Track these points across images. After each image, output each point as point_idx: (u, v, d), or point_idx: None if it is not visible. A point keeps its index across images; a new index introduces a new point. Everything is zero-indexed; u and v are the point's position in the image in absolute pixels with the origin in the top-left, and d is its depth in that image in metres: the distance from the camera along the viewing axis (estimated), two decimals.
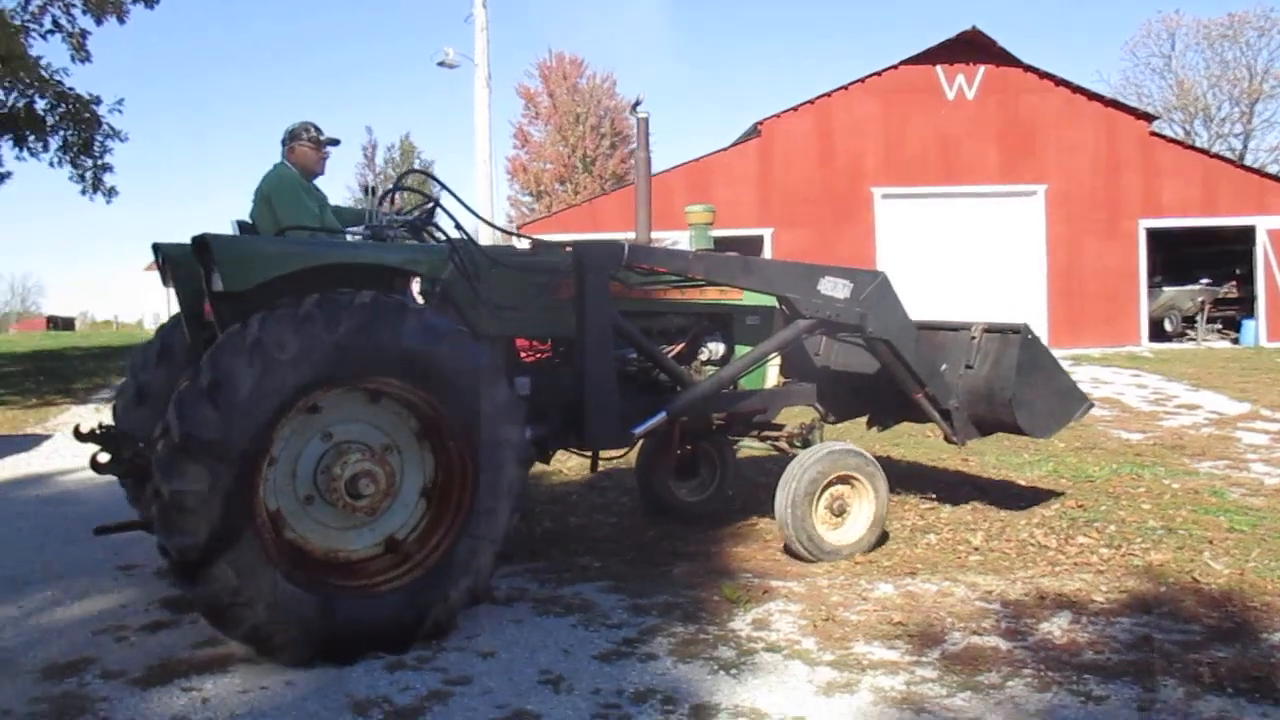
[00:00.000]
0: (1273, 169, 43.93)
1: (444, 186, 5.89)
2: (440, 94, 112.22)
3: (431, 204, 5.70)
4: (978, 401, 6.49)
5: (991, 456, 9.26)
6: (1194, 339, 26.74)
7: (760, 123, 24.49)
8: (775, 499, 5.98)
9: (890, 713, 3.89)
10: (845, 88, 24.73)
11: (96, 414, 14.37)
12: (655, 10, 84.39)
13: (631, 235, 5.93)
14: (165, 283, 5.61)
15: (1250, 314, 26.15)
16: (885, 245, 23.94)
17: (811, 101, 24.60)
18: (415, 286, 5.28)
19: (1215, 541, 6.21)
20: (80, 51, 20.06)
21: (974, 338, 6.56)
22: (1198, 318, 27.41)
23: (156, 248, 5.55)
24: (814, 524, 5.94)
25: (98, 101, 20.55)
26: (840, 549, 6.01)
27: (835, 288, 6.13)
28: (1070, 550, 6.10)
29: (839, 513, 6.07)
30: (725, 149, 25.00)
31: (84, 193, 21.60)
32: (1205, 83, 50.19)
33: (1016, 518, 6.88)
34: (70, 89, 20.08)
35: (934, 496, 7.57)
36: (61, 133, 20.71)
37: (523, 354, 5.99)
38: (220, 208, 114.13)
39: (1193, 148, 29.88)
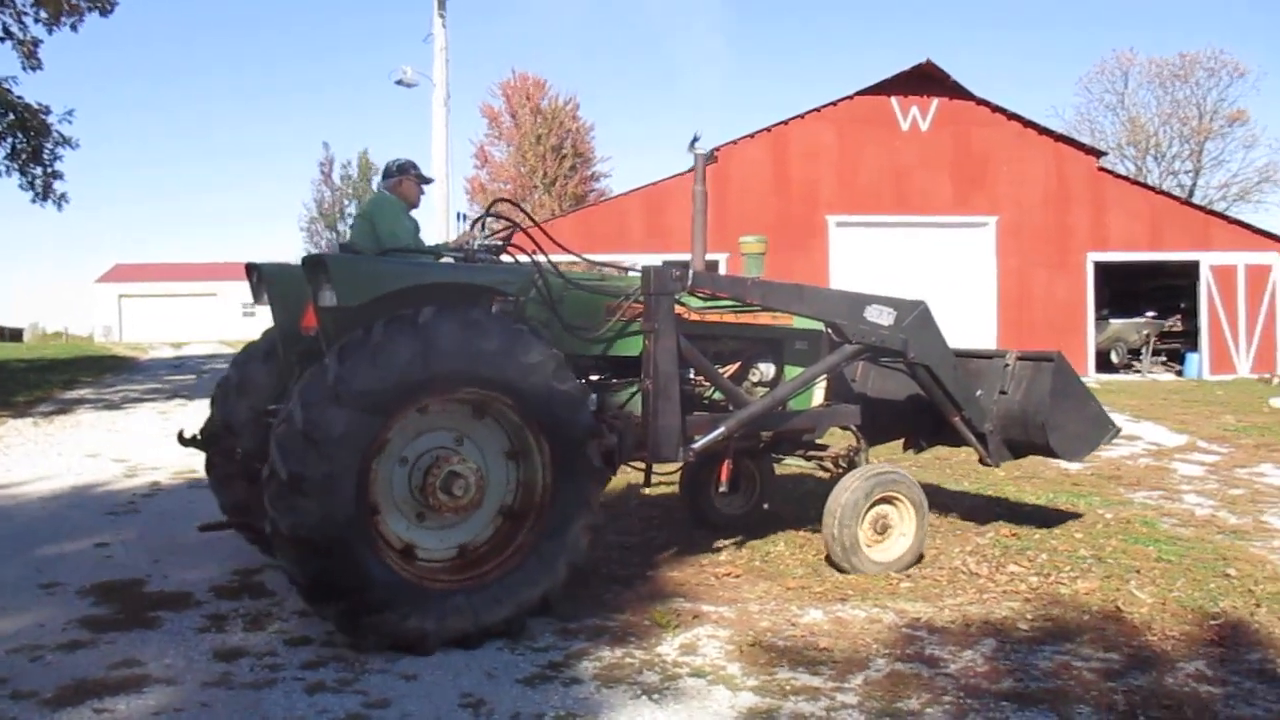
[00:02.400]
0: (1220, 206, 44.93)
1: (526, 214, 6.20)
2: (399, 111, 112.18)
3: (511, 229, 5.99)
4: (1012, 426, 6.80)
5: (933, 483, 9.34)
6: (1139, 371, 27.21)
7: (716, 149, 24.60)
8: (823, 514, 6.27)
9: None
10: (801, 116, 24.99)
11: (35, 428, 14.11)
12: (613, 33, 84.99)
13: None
14: (258, 300, 6.02)
15: (1194, 347, 26.67)
16: (839, 273, 24.14)
17: (768, 129, 24.83)
18: (494, 306, 5.56)
19: (1142, 571, 6.30)
20: (31, 59, 19.81)
21: (1008, 365, 6.89)
22: (1143, 350, 27.90)
23: (251, 267, 5.99)
24: (859, 541, 6.20)
25: (47, 111, 20.33)
26: (881, 565, 6.26)
27: (880, 315, 6.44)
28: (1000, 578, 6.17)
29: (881, 531, 6.35)
30: (682, 174, 25.08)
31: (34, 200, 21.35)
32: (1157, 120, 51.33)
33: (950, 545, 6.95)
34: (19, 98, 19.82)
35: None
36: (10, 140, 20.43)
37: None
38: (177, 218, 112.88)
39: (1140, 183, 30.50)
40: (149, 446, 12.22)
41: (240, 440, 6.00)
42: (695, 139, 6.64)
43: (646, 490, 7.84)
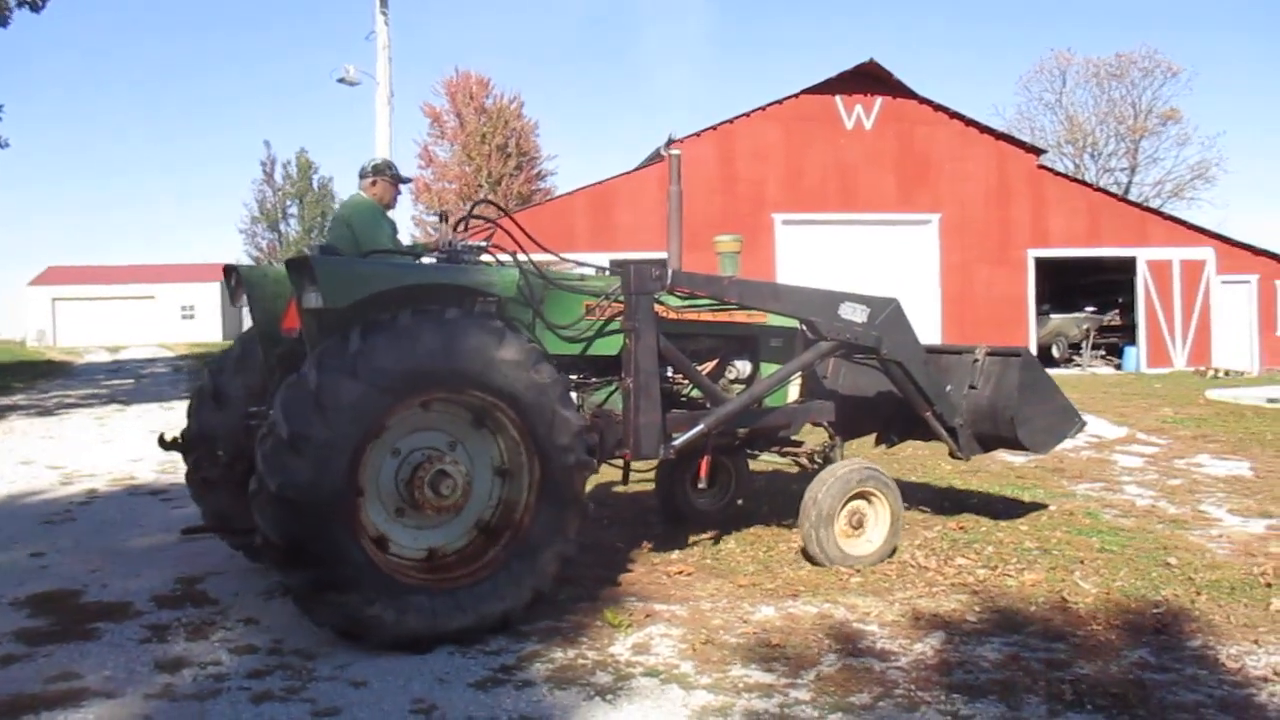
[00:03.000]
0: (1155, 203, 45.98)
1: (506, 213, 6.17)
2: (342, 111, 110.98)
3: (491, 229, 6.00)
4: (981, 420, 6.92)
5: None
6: (1080, 365, 27.73)
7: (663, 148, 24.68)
8: (800, 509, 6.37)
9: None
10: (748, 114, 25.14)
11: None
12: (556, 31, 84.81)
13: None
14: (234, 302, 6.11)
15: (1132, 341, 27.25)
16: (785, 270, 24.30)
17: (714, 127, 24.93)
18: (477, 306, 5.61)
19: (1086, 562, 6.41)
20: None
21: (977, 360, 7.01)
22: (1083, 344, 28.46)
23: (230, 269, 6.05)
24: (835, 535, 6.31)
25: None
26: (857, 558, 6.35)
27: (854, 312, 6.53)
28: (949, 571, 6.23)
29: (857, 525, 6.45)
30: (628, 173, 25.13)
31: None
32: (1094, 119, 52.38)
33: (899, 539, 6.99)
34: None
35: None
36: None
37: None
38: (112, 221, 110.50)
39: (1078, 181, 31.11)
40: (85, 453, 11.95)
41: (222, 443, 6.00)
42: (669, 140, 6.77)
43: (618, 489, 7.84)
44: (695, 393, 6.62)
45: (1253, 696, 4.26)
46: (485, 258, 5.96)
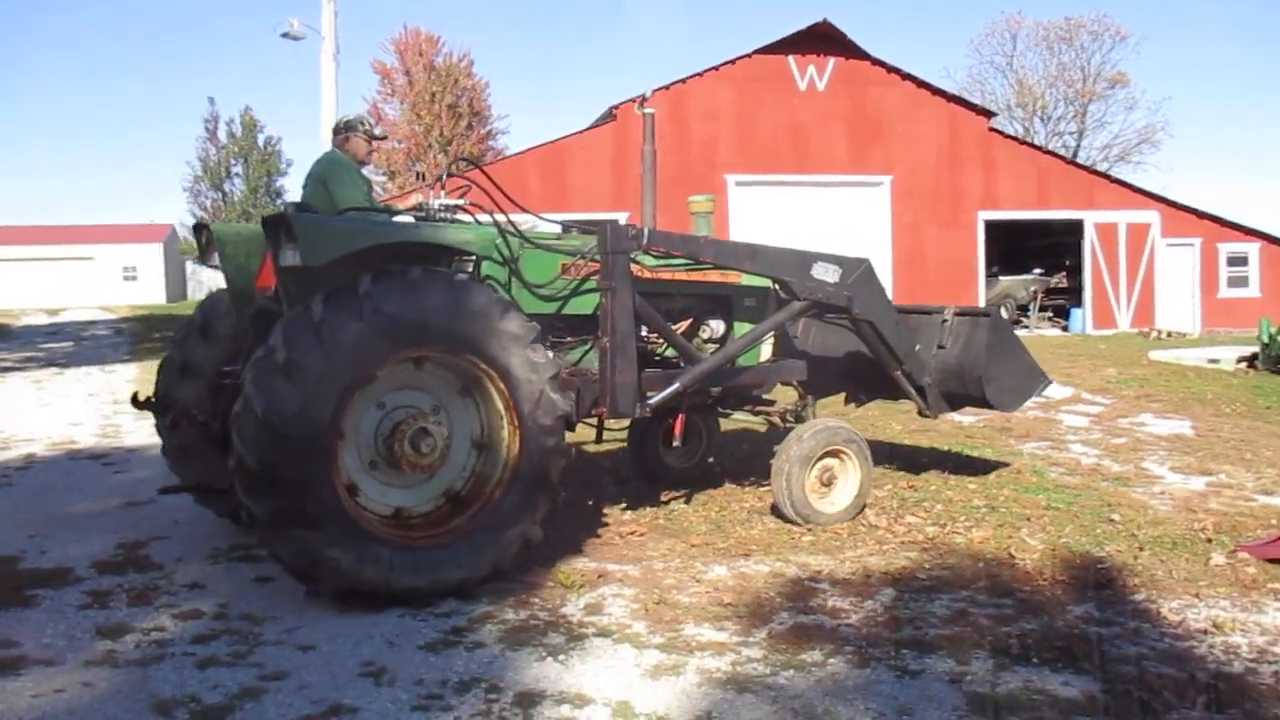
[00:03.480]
0: (1103, 166, 46.51)
1: (482, 170, 6.10)
2: (287, 68, 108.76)
3: (467, 187, 5.97)
4: (950, 379, 7.00)
5: None
6: (1027, 326, 28.10)
7: (615, 107, 24.47)
8: (771, 466, 6.42)
9: (714, 693, 3.91)
10: (700, 74, 24.98)
11: None
12: None
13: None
14: (207, 261, 6.04)
15: (1078, 303, 27.67)
16: (738, 232, 24.25)
17: (667, 87, 24.71)
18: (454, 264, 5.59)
19: (1033, 519, 6.50)
20: None
21: (946, 320, 7.07)
22: (1031, 306, 28.83)
23: (201, 226, 6.13)
24: (805, 492, 6.34)
25: None
26: (826, 515, 6.40)
27: (826, 272, 6.56)
28: (899, 530, 6.29)
29: (827, 483, 6.51)
30: (581, 132, 24.89)
31: None
32: (1043, 82, 52.78)
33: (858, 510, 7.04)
34: None
35: None
36: None
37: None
38: (48, 184, 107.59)
39: (1028, 144, 31.35)
40: (23, 417, 11.66)
41: (196, 401, 5.96)
42: (644, 98, 6.73)
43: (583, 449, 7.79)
44: (670, 352, 6.63)
45: (1193, 649, 4.34)
46: (462, 216, 5.91)
